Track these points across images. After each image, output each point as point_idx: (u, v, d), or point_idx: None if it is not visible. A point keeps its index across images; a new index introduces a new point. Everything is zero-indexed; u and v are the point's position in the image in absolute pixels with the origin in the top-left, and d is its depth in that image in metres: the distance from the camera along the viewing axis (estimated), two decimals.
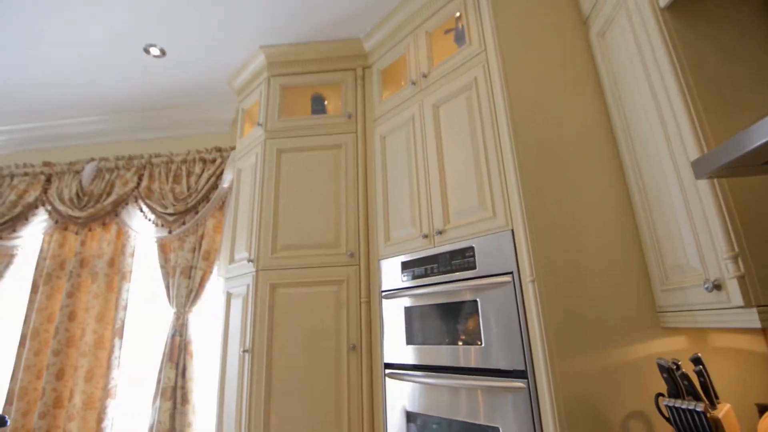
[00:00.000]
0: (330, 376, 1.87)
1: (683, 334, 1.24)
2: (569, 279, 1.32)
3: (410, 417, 1.68)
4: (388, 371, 1.82)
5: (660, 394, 1.09)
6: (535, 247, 1.35)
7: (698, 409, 0.95)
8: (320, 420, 1.82)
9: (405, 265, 1.85)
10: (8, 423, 2.11)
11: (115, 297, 2.75)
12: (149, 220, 2.90)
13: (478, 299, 1.50)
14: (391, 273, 1.91)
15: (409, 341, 1.74)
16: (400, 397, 1.73)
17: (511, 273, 1.42)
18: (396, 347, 1.80)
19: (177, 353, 2.48)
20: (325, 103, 2.62)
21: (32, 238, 3.13)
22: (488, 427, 1.39)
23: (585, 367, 1.23)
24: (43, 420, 2.46)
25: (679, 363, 1.06)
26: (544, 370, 1.24)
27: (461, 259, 1.60)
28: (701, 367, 1.01)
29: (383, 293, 1.94)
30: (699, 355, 1.04)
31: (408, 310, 1.79)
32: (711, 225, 1.00)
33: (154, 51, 2.55)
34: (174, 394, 2.40)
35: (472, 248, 1.57)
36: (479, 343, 1.47)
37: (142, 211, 2.95)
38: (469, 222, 1.61)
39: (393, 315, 1.85)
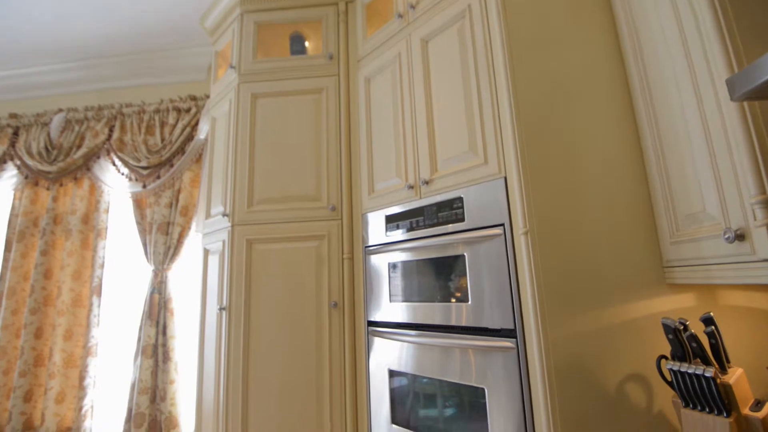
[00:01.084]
0: (311, 334, 1.78)
1: (690, 292, 1.12)
2: (566, 231, 1.18)
3: (394, 376, 1.60)
4: (371, 329, 1.72)
5: (663, 357, 0.98)
6: (530, 195, 1.20)
7: (707, 375, 0.84)
8: (300, 379, 1.75)
9: (389, 219, 1.71)
10: None
11: (91, 255, 2.63)
12: (122, 174, 2.73)
13: (465, 254, 1.37)
14: (375, 227, 1.78)
15: (394, 299, 1.64)
16: (384, 355, 1.65)
17: (502, 225, 1.27)
18: (380, 305, 1.70)
19: (156, 311, 2.39)
20: (306, 43, 2.38)
21: (3, 194, 2.97)
22: (474, 388, 1.30)
23: (580, 327, 1.12)
24: (23, 378, 2.41)
25: (687, 323, 0.94)
26: (535, 329, 1.13)
27: (448, 211, 1.46)
28: (713, 327, 0.89)
29: (366, 248, 1.81)
30: (711, 314, 0.92)
31: (392, 266, 1.66)
32: (737, 163, 0.85)
33: None
34: (155, 352, 2.34)
35: (460, 199, 1.43)
36: (466, 300, 1.35)
37: (114, 164, 2.77)
38: (458, 170, 1.45)
39: (377, 271, 1.73)
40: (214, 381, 1.88)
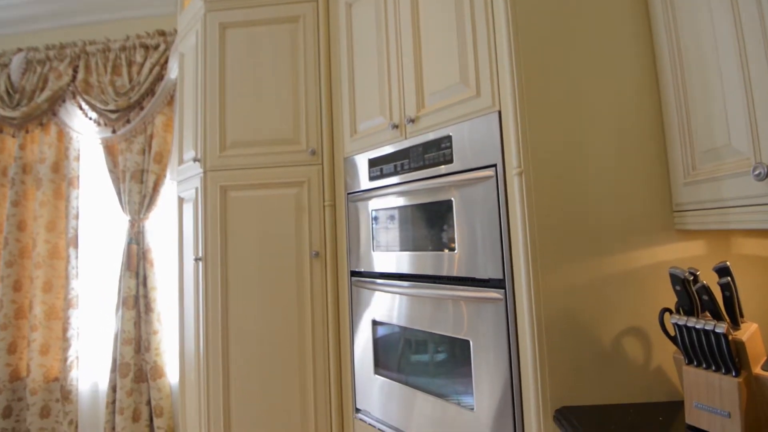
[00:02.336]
0: (291, 285, 1.69)
1: (701, 239, 1.01)
2: (565, 170, 1.04)
3: (377, 326, 1.53)
4: (354, 279, 1.63)
5: (667, 310, 0.88)
6: (526, 131, 1.05)
7: (718, 330, 0.74)
8: (282, 331, 1.68)
9: (372, 163, 1.56)
10: None
11: (64, 205, 2.50)
12: (90, 118, 2.53)
13: (453, 199, 1.24)
14: (358, 172, 1.63)
15: (377, 247, 1.53)
16: (367, 306, 1.57)
17: (494, 166, 1.13)
18: (363, 254, 1.59)
19: (135, 262, 2.30)
20: None
21: None
22: (458, 340, 1.23)
23: (575, 277, 1.02)
24: (5, 331, 2.36)
25: (698, 273, 0.83)
26: (525, 280, 1.02)
27: (436, 152, 1.31)
28: (729, 278, 0.78)
29: (349, 195, 1.68)
30: (728, 263, 0.81)
31: (376, 214, 1.54)
32: None
33: None
34: (137, 303, 2.28)
35: (449, 138, 1.27)
36: (453, 248, 1.24)
37: (81, 108, 2.56)
38: (447, 105, 1.28)
39: (360, 219, 1.61)
40: (194, 332, 1.82)
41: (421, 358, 1.38)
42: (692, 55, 0.93)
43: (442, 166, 1.29)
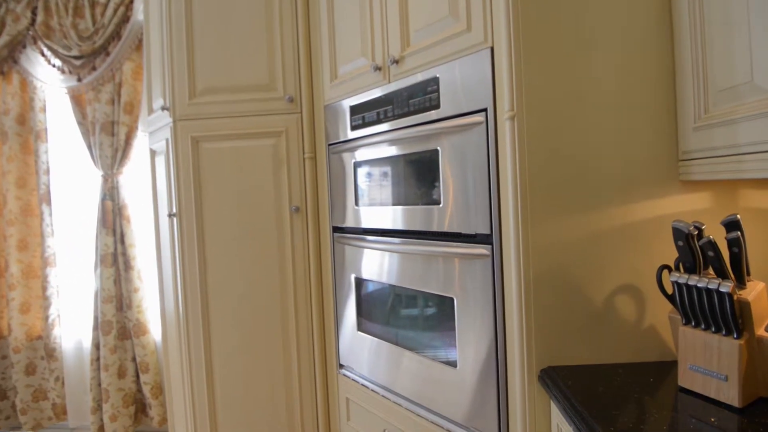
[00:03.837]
0: (271, 241, 1.62)
1: (707, 190, 0.92)
2: (561, 115, 0.94)
3: (360, 284, 1.48)
4: (336, 236, 1.56)
5: (665, 267, 0.81)
6: (521, 69, 0.93)
7: (722, 289, 0.67)
8: (263, 289, 1.62)
9: (354, 110, 1.44)
10: None
11: (33, 160, 2.36)
12: (54, 66, 2.33)
13: (439, 148, 1.14)
14: (339, 121, 1.51)
15: (360, 202, 1.44)
16: (350, 263, 1.51)
17: (485, 110, 1.02)
18: (345, 209, 1.51)
19: (111, 219, 2.20)
20: None
21: None
22: (442, 297, 1.17)
23: (568, 232, 0.94)
24: None
25: (703, 228, 0.75)
26: (514, 235, 0.94)
27: (422, 96, 1.19)
28: (738, 233, 0.70)
29: (330, 146, 1.56)
30: (738, 217, 0.72)
31: (358, 166, 1.44)
32: None
33: None
34: (115, 261, 2.21)
35: (435, 80, 1.15)
36: (438, 202, 1.16)
37: (44, 55, 2.36)
38: (434, 42, 1.15)
39: (342, 172, 1.51)
40: (172, 290, 1.76)
41: (403, 316, 1.34)
42: None
43: (430, 112, 1.17)
